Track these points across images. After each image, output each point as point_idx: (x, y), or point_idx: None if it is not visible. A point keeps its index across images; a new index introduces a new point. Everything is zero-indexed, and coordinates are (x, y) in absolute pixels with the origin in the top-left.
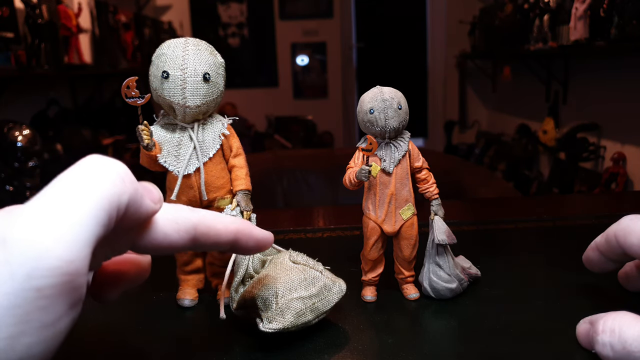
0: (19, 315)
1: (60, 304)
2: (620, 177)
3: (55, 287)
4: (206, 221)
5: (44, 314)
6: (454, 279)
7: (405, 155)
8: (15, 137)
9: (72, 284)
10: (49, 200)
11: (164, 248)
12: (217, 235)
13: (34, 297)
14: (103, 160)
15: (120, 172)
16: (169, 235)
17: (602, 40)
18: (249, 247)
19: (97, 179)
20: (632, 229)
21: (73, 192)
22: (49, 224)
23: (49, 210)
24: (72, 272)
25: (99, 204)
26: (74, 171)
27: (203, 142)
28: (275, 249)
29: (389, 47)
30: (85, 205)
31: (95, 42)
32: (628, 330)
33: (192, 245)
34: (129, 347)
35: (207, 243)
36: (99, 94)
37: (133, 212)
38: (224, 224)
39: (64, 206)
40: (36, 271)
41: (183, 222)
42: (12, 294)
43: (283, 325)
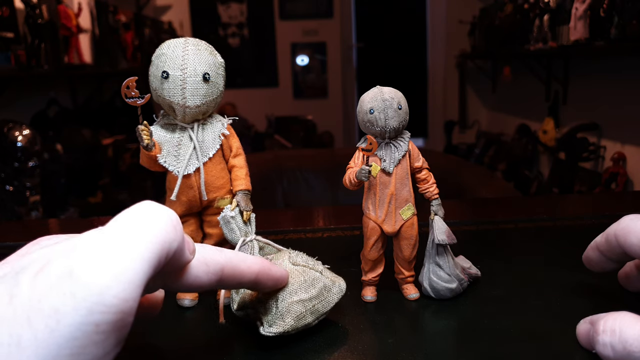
0: (76, 347)
1: (112, 340)
2: (620, 177)
3: (110, 324)
4: (232, 263)
5: (97, 349)
6: (454, 279)
7: (405, 155)
8: (15, 137)
9: (123, 322)
10: (110, 238)
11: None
12: (241, 277)
13: (92, 331)
14: (159, 207)
15: (173, 220)
16: (199, 277)
17: (602, 40)
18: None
19: (153, 225)
20: (632, 229)
21: (131, 235)
22: (111, 263)
23: (111, 249)
24: (126, 311)
25: (154, 248)
26: (131, 215)
27: (203, 142)
28: (275, 248)
29: (389, 47)
30: (142, 249)
31: (95, 42)
32: (629, 331)
33: (217, 284)
34: (129, 347)
35: (231, 283)
36: (99, 94)
37: (176, 259)
38: (247, 265)
39: (124, 247)
40: (97, 307)
41: (212, 265)
42: (74, 326)
43: (283, 329)
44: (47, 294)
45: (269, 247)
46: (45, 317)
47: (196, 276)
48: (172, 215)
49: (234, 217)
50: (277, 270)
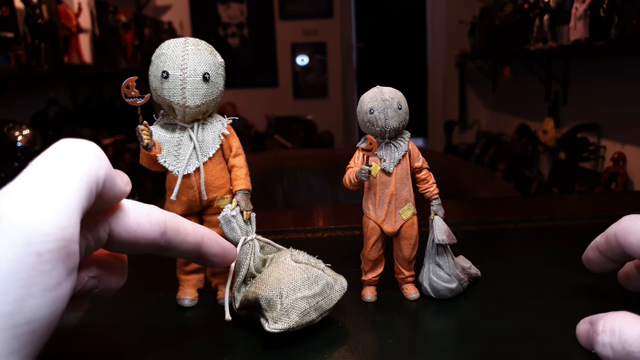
0: (24, 279)
1: (60, 268)
2: (620, 177)
3: (53, 252)
4: (175, 219)
5: (46, 278)
6: (454, 279)
7: (405, 155)
8: (15, 137)
9: (67, 249)
10: (34, 177)
11: (137, 238)
12: (185, 234)
13: (36, 261)
14: (78, 141)
15: (95, 151)
16: (142, 224)
17: (602, 40)
18: (215, 252)
19: (76, 157)
20: (632, 229)
21: (56, 169)
22: (40, 197)
23: (37, 185)
24: (67, 238)
25: (81, 177)
26: (53, 152)
27: (203, 142)
28: (275, 248)
29: (389, 47)
30: (70, 179)
31: (95, 42)
32: (628, 331)
33: (162, 239)
34: (129, 347)
35: (176, 240)
36: (99, 94)
37: (108, 188)
38: (193, 226)
39: (50, 181)
40: (34, 237)
41: (154, 215)
42: (15, 259)
43: (289, 325)
44: None
45: (270, 247)
46: None
47: (138, 223)
48: (94, 147)
49: (235, 216)
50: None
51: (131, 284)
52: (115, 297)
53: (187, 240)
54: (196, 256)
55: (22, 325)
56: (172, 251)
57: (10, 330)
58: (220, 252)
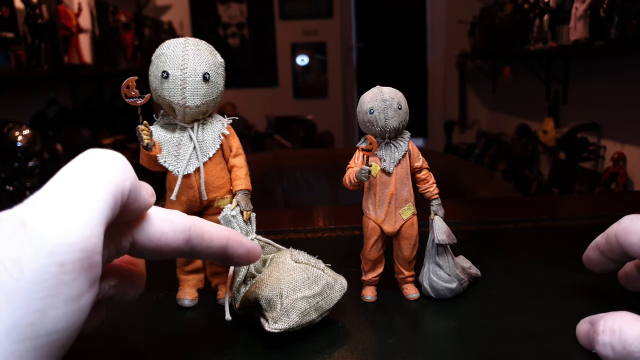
0: (46, 289)
1: (82, 279)
2: (620, 177)
3: (76, 263)
4: (200, 224)
5: (68, 289)
6: (454, 279)
7: (405, 155)
8: (15, 137)
9: (90, 260)
10: (60, 187)
11: (161, 247)
12: (210, 239)
13: (59, 271)
14: (105, 151)
15: (121, 162)
16: (165, 233)
17: (602, 40)
18: (239, 254)
19: (102, 167)
20: (633, 229)
21: (82, 179)
22: (65, 207)
23: (62, 195)
24: (90, 249)
25: (107, 188)
26: (79, 162)
27: (203, 142)
28: (275, 248)
29: (389, 47)
30: (95, 190)
31: (95, 42)
32: (628, 331)
33: (186, 246)
34: (129, 347)
35: (201, 246)
36: (99, 94)
37: (133, 200)
38: (217, 229)
39: (75, 191)
40: (58, 247)
41: (178, 222)
42: (39, 269)
43: (289, 325)
44: (3, 249)
45: (270, 247)
46: (8, 268)
47: (162, 232)
48: (120, 157)
49: (235, 216)
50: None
51: None
52: None
53: (211, 245)
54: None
55: (42, 336)
56: (197, 256)
57: (30, 342)
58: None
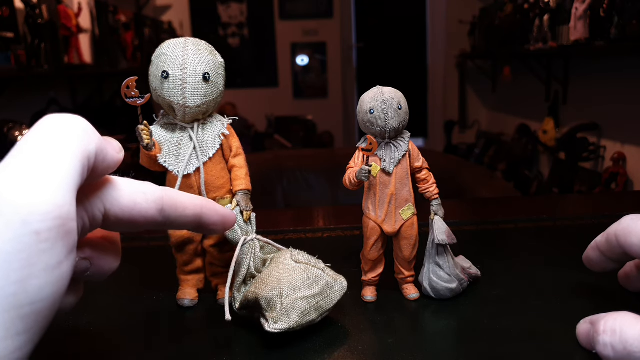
0: (24, 259)
1: (60, 247)
2: (620, 177)
3: (51, 231)
4: (172, 193)
5: (47, 257)
6: (454, 279)
7: (405, 155)
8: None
9: (65, 227)
10: (25, 156)
11: (134, 217)
12: (184, 207)
13: (34, 240)
14: (65, 116)
15: (83, 125)
16: (138, 203)
17: (602, 40)
18: (214, 221)
19: (66, 133)
20: (633, 229)
21: (46, 146)
22: (33, 176)
23: (29, 164)
24: (64, 216)
25: (73, 154)
26: (40, 129)
27: (203, 142)
28: (275, 248)
29: (389, 47)
30: (62, 156)
31: (95, 42)
32: (629, 331)
33: (160, 216)
34: (129, 347)
35: (174, 215)
36: (99, 94)
37: (101, 160)
38: (190, 198)
39: (43, 159)
40: (31, 216)
41: (150, 192)
42: (14, 240)
43: (289, 325)
44: None
45: (270, 247)
46: None
47: (134, 201)
48: (81, 121)
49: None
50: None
51: (131, 284)
52: (115, 297)
53: (185, 213)
54: (196, 227)
55: (26, 306)
56: (172, 226)
57: (14, 312)
58: (219, 220)
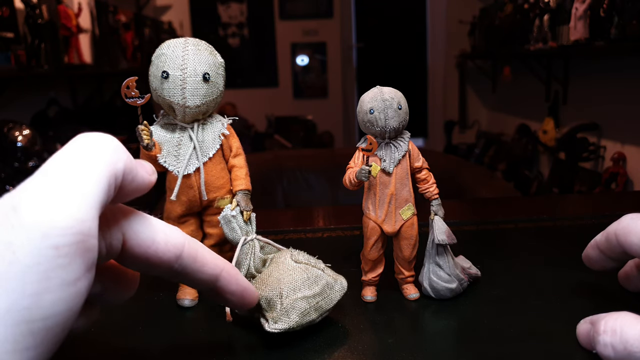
0: (42, 272)
1: (78, 263)
2: (620, 177)
3: (71, 246)
4: (196, 245)
5: (64, 272)
6: (454, 279)
7: (405, 155)
8: (15, 137)
9: (85, 243)
10: (52, 172)
11: (149, 256)
12: (202, 263)
13: (53, 255)
14: (96, 134)
15: (113, 143)
16: (157, 242)
17: (602, 40)
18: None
19: (94, 151)
20: (633, 228)
21: (73, 163)
22: (57, 190)
23: (55, 179)
24: (85, 232)
25: (99, 171)
26: (71, 147)
27: (203, 142)
28: (275, 248)
29: (389, 47)
30: (87, 173)
31: (95, 42)
32: (630, 331)
33: (176, 263)
34: (129, 347)
35: (191, 267)
36: (99, 94)
37: (129, 180)
38: (213, 257)
39: (68, 175)
40: (52, 230)
41: (172, 236)
42: (33, 252)
43: (289, 325)
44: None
45: (270, 247)
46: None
47: (154, 240)
48: (111, 140)
49: (235, 216)
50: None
51: None
52: None
53: (203, 270)
54: (211, 290)
55: (38, 320)
56: (186, 279)
57: (25, 325)
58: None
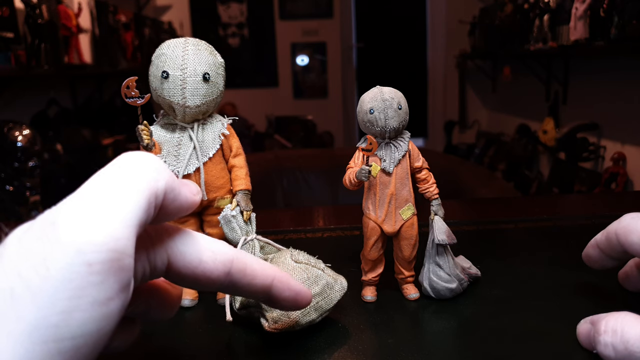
0: (73, 290)
1: (111, 282)
2: (620, 177)
3: (105, 263)
4: (244, 258)
5: (96, 291)
6: (454, 279)
7: (405, 155)
8: (15, 137)
9: (120, 262)
10: (91, 189)
11: (198, 276)
12: (252, 275)
13: (86, 272)
14: (138, 153)
15: (155, 163)
16: (204, 261)
17: (602, 40)
18: (285, 297)
19: (133, 169)
20: (633, 228)
21: (112, 181)
22: (95, 207)
23: (92, 196)
24: (120, 250)
25: (138, 190)
26: (113, 164)
27: (203, 142)
28: (275, 248)
29: (389, 47)
30: (126, 191)
31: (95, 42)
32: (630, 331)
33: (226, 280)
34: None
35: (242, 282)
36: (99, 94)
37: (171, 200)
38: (262, 267)
39: (106, 193)
40: (86, 246)
41: (220, 252)
42: (65, 268)
43: (289, 325)
44: (32, 246)
45: (270, 247)
46: (35, 265)
47: (200, 259)
48: (153, 159)
49: (235, 216)
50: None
51: None
52: None
53: (254, 282)
54: (264, 299)
55: (66, 340)
56: (238, 292)
57: (53, 344)
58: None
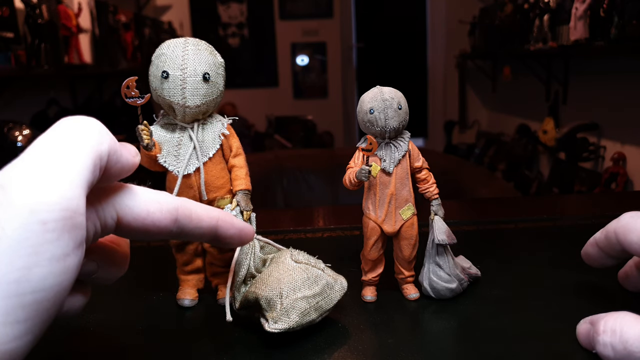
0: (30, 247)
1: (66, 239)
2: (620, 177)
3: (58, 222)
4: (188, 204)
5: (52, 247)
6: (454, 279)
7: (405, 155)
8: (15, 137)
9: (73, 220)
10: (37, 152)
11: (147, 226)
12: (199, 219)
13: (41, 230)
14: (79, 117)
15: (96, 126)
16: (152, 212)
17: (602, 40)
18: (231, 234)
19: (78, 132)
20: (633, 227)
21: (58, 144)
22: (44, 169)
23: (42, 159)
24: (72, 209)
25: (84, 151)
26: (55, 129)
27: (203, 142)
28: (275, 248)
29: (389, 47)
30: (72, 153)
31: (95, 42)
32: (630, 331)
33: (174, 226)
34: (129, 347)
35: (189, 226)
36: (99, 94)
37: (114, 162)
38: (206, 210)
39: (53, 155)
40: (39, 206)
41: (165, 202)
42: (20, 227)
43: (289, 325)
44: None
45: (270, 247)
46: None
47: (148, 210)
48: (95, 122)
49: (235, 216)
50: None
51: (131, 284)
52: (115, 297)
53: (200, 225)
54: (211, 240)
55: (28, 294)
56: (186, 237)
57: (16, 299)
58: (236, 234)
